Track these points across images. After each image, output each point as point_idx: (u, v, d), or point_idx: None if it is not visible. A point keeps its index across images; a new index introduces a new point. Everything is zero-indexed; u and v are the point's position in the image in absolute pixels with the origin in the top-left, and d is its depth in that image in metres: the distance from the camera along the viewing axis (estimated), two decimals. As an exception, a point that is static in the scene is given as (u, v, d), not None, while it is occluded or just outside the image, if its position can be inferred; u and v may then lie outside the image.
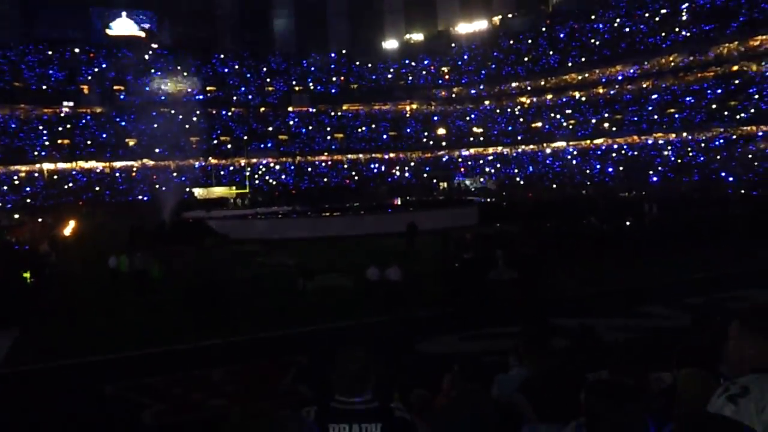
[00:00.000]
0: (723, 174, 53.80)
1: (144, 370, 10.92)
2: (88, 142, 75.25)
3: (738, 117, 60.72)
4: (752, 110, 60.06)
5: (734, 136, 60.47)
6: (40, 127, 74.97)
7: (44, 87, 78.97)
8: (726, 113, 61.82)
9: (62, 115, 78.40)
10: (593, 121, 75.46)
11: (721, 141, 60.93)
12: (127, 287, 18.40)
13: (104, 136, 76.57)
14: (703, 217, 25.38)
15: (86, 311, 15.98)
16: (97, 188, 69.16)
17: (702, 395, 3.12)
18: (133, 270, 18.74)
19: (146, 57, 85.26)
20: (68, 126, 76.63)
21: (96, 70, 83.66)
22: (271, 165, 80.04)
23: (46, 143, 72.55)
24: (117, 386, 10.07)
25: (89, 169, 73.09)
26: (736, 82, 65.07)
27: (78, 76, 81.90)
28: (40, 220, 45.80)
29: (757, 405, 2.58)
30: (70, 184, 69.23)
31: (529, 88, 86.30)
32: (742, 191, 40.93)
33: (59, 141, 73.58)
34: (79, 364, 11.56)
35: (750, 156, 55.83)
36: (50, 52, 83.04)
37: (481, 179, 74.86)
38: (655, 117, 69.15)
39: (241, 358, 11.45)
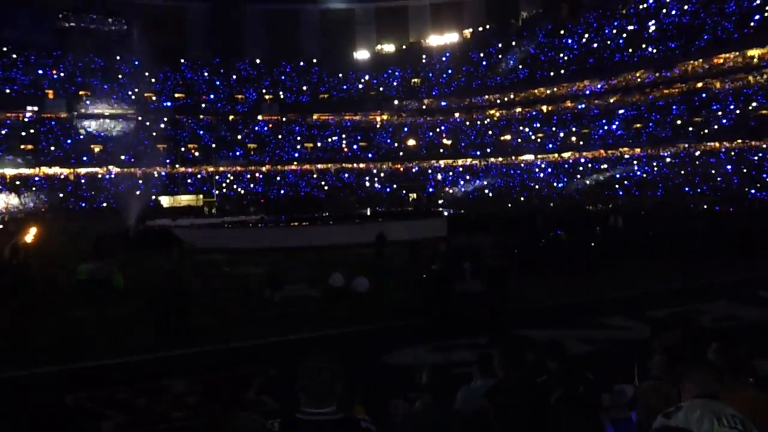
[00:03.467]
0: (686, 189, 54.85)
1: (105, 380, 10.70)
2: (52, 148, 74.04)
3: (702, 133, 62.00)
4: (716, 126, 61.39)
5: (698, 152, 61.70)
6: (3, 132, 73.55)
7: (8, 91, 77.52)
8: (690, 129, 63.08)
9: (26, 120, 77.02)
10: (561, 134, 76.45)
11: (685, 156, 62.09)
12: (88, 296, 18.04)
13: (69, 141, 75.41)
14: (666, 231, 25.79)
15: (46, 319, 15.64)
16: (61, 195, 68.03)
17: (663, 406, 3.15)
18: (95, 278, 18.38)
19: (114, 62, 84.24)
20: (32, 131, 75.31)
21: (61, 74, 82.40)
22: (240, 173, 79.56)
23: (9, 149, 71.13)
24: (77, 397, 9.85)
25: (53, 175, 71.90)
26: (701, 97, 66.49)
27: (43, 80, 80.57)
28: (1, 226, 44.86)
29: (687, 416, 2.73)
30: (33, 190, 67.99)
31: (498, 101, 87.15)
32: (705, 206, 41.69)
33: (22, 146, 72.23)
34: (37, 374, 11.28)
35: (713, 171, 56.99)
36: (15, 56, 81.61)
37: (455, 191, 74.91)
38: (622, 132, 70.32)
39: (205, 368, 11.29)
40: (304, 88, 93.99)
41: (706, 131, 61.93)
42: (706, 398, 2.94)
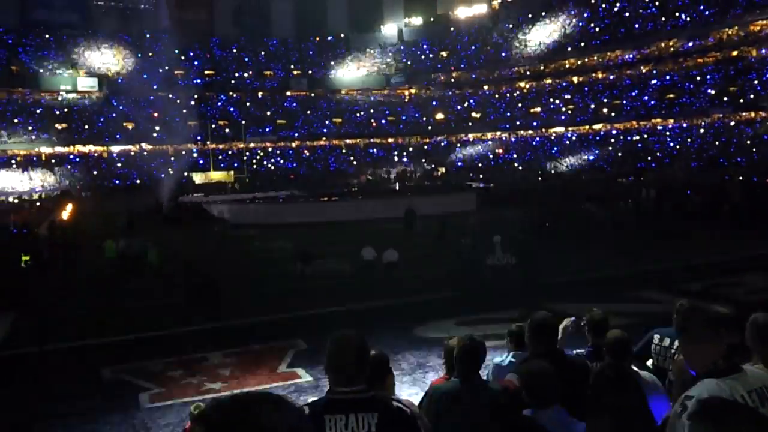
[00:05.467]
0: (721, 160, 53.79)
1: (141, 353, 10.95)
2: (86, 126, 75.01)
3: (738, 102, 60.57)
4: (752, 95, 59.90)
5: (732, 122, 60.37)
6: (38, 111, 74.66)
7: (41, 71, 78.55)
8: (725, 99, 61.64)
9: (60, 98, 78.07)
10: (592, 106, 75.26)
11: (720, 127, 60.83)
12: (124, 271, 18.39)
13: (102, 119, 76.32)
14: (699, 203, 25.40)
15: (83, 294, 15.99)
16: (95, 172, 69.05)
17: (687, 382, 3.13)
18: (131, 254, 18.72)
19: (144, 41, 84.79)
20: (65, 110, 76.35)
21: (93, 53, 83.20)
22: (270, 150, 79.90)
23: (44, 127, 72.28)
24: (114, 369, 10.11)
25: (87, 153, 72.96)
26: (737, 67, 64.85)
27: (75, 59, 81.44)
28: (38, 203, 45.78)
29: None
30: (68, 168, 69.14)
31: (527, 73, 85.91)
32: (740, 178, 40.88)
33: (57, 125, 73.31)
34: (76, 347, 11.59)
35: (749, 142, 55.76)
36: (47, 36, 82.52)
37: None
38: (655, 102, 69.01)
39: (239, 341, 11.48)
40: (332, 63, 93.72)
41: (741, 101, 60.46)
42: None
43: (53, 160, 69.83)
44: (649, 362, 4.81)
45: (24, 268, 18.28)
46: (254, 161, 76.42)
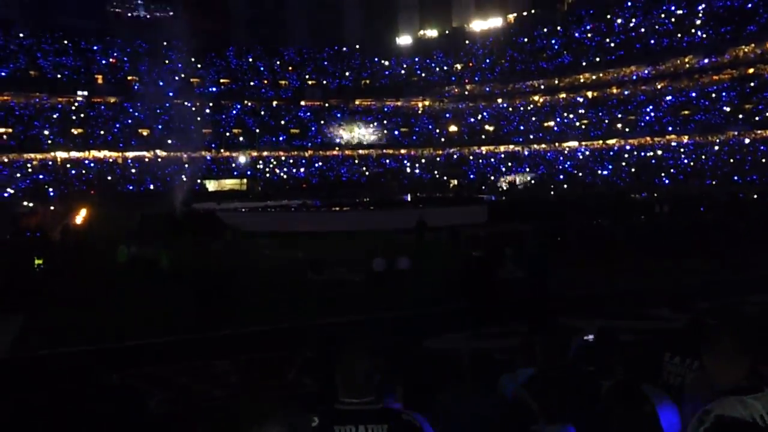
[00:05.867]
0: (736, 178, 53.43)
1: (150, 359, 10.96)
2: (102, 132, 75.62)
3: (752, 120, 60.26)
4: (767, 114, 59.60)
5: (747, 140, 60.03)
6: (55, 116, 75.36)
7: (59, 76, 79.34)
8: (740, 116, 61.33)
9: (76, 104, 78.78)
10: (606, 121, 75.08)
11: (734, 144, 60.49)
12: (135, 276, 18.45)
13: (117, 125, 76.92)
14: (715, 220, 25.21)
15: (94, 299, 16.04)
16: (109, 177, 69.54)
17: (708, 398, 3.10)
18: (140, 260, 18.79)
19: (161, 48, 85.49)
20: (82, 115, 77.04)
21: (110, 60, 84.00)
22: (283, 159, 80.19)
23: (60, 132, 72.94)
24: (122, 374, 10.11)
25: (102, 159, 73.51)
26: (752, 84, 64.56)
27: (92, 65, 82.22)
28: (52, 208, 46.07)
29: None
30: (83, 173, 69.66)
31: (542, 86, 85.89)
32: (755, 196, 40.56)
33: (73, 130, 73.94)
34: (84, 351, 11.61)
35: (764, 160, 55.39)
36: (66, 41, 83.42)
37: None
38: (669, 119, 68.74)
39: (248, 349, 11.47)
40: (347, 73, 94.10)
41: (757, 119, 60.14)
42: None
43: (68, 165, 70.33)
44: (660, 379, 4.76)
45: (36, 271, 18.37)
46: (267, 170, 76.69)
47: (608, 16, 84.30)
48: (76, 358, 11.30)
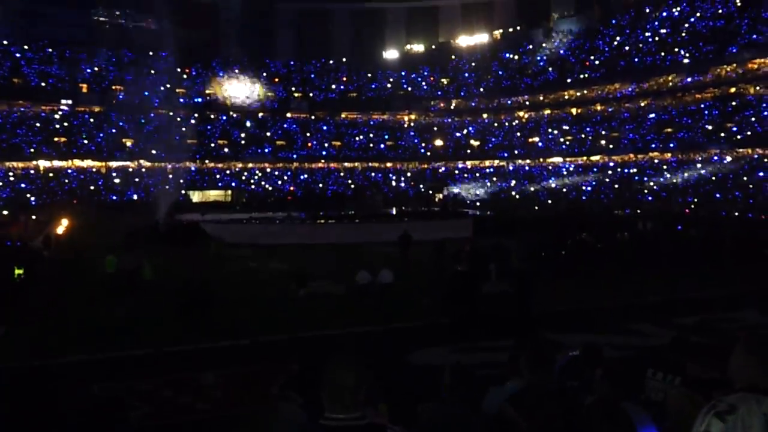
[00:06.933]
0: (717, 195, 54.02)
1: (132, 371, 10.86)
2: (85, 141, 75.10)
3: (734, 139, 61.02)
4: (749, 132, 60.37)
5: (729, 158, 60.77)
6: (38, 125, 74.76)
7: (43, 84, 78.78)
8: (723, 135, 62.08)
9: (60, 113, 78.24)
10: (590, 137, 75.72)
11: (716, 162, 61.18)
12: (118, 287, 18.29)
13: (101, 135, 76.42)
14: (696, 237, 25.48)
15: (76, 309, 15.89)
16: (92, 187, 68.98)
17: (690, 412, 3.14)
18: (125, 270, 18.66)
19: (146, 58, 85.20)
20: (65, 124, 76.48)
21: (95, 69, 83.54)
22: (268, 170, 80.00)
23: (43, 141, 72.34)
24: (104, 387, 10.02)
25: (85, 168, 72.96)
26: (734, 104, 65.42)
27: (76, 74, 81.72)
28: (33, 217, 45.65)
29: (744, 423, 2.62)
30: (66, 182, 69.09)
31: (527, 102, 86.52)
32: (736, 213, 41.06)
33: (56, 139, 73.39)
34: (66, 363, 11.48)
35: (745, 178, 56.08)
36: (50, 50, 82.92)
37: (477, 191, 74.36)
38: (652, 136, 69.45)
39: (231, 362, 11.41)
40: (333, 86, 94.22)
41: (738, 137, 60.91)
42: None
43: (51, 174, 69.73)
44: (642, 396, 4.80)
45: (17, 281, 18.17)
46: (251, 181, 76.49)
47: (593, 34, 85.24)
48: (58, 369, 11.18)
